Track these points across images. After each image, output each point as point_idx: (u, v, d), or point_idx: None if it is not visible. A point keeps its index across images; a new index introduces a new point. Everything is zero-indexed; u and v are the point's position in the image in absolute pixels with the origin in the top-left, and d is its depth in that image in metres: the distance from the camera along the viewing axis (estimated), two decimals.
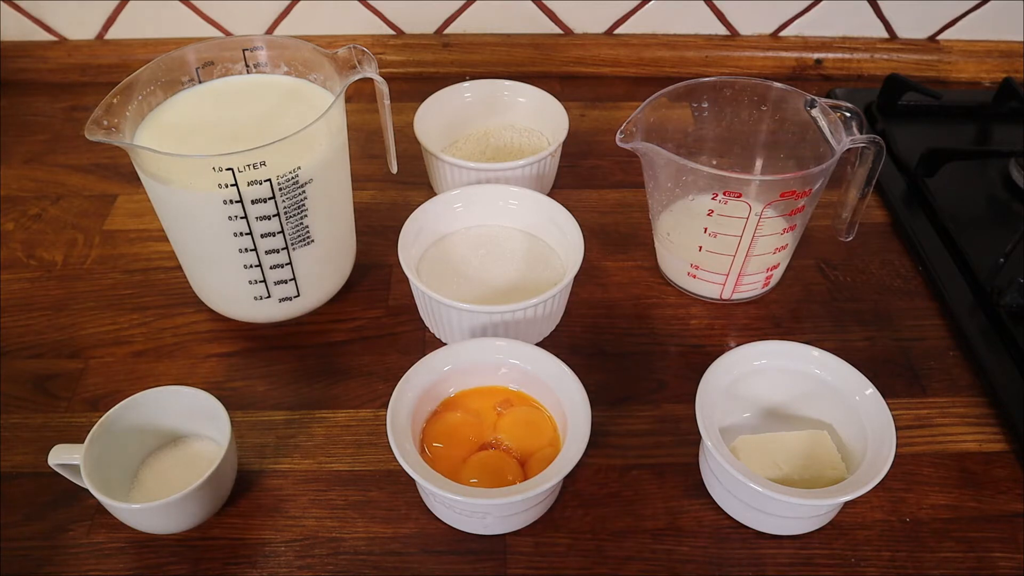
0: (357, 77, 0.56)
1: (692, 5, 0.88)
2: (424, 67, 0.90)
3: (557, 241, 0.63)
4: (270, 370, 0.59)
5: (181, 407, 0.51)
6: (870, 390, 0.51)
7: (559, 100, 0.74)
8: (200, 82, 0.59)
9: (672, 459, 0.54)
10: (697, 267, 0.62)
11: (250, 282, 0.58)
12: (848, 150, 0.57)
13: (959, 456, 0.54)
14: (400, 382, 0.50)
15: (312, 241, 0.57)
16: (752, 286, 0.64)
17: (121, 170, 0.77)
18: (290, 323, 0.62)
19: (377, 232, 0.70)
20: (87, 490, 0.46)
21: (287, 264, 0.57)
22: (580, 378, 0.50)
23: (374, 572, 0.48)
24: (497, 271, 0.62)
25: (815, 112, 0.60)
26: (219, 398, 0.50)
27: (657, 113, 0.61)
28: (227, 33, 0.89)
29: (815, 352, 0.53)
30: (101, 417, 0.49)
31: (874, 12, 0.89)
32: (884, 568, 0.49)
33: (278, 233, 0.55)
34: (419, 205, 0.62)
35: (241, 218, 0.53)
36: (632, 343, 0.62)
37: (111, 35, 0.89)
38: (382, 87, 0.59)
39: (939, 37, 0.91)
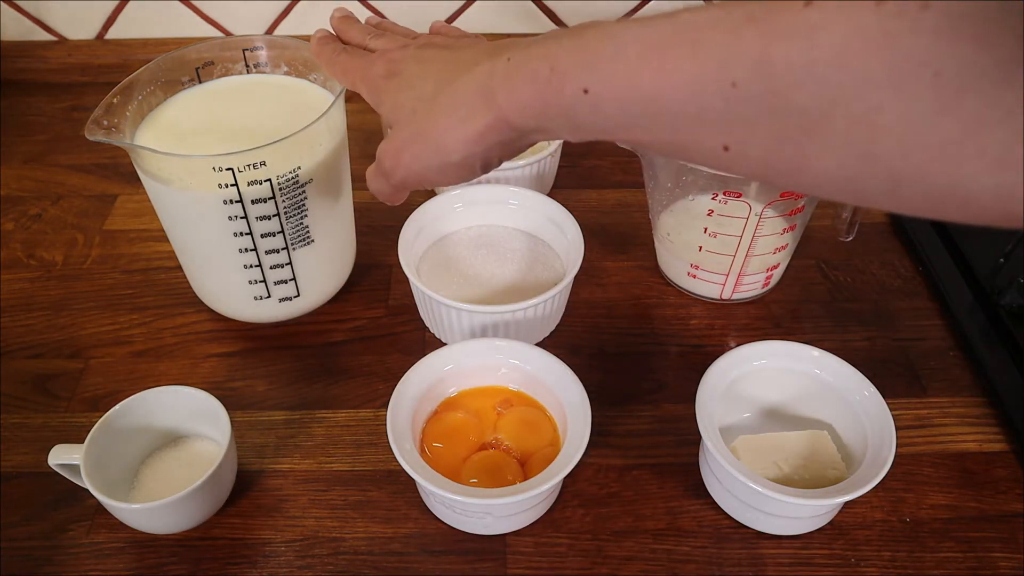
0: None
1: (692, 5, 0.88)
2: None
3: (557, 241, 0.63)
4: (270, 370, 0.59)
5: (181, 407, 0.51)
6: (870, 390, 0.50)
7: None
8: (200, 82, 0.59)
9: (672, 459, 0.54)
10: (697, 267, 0.62)
11: (250, 282, 0.58)
12: None
13: (959, 456, 0.54)
14: (400, 382, 0.50)
15: (312, 241, 0.57)
16: (752, 286, 0.64)
17: (121, 170, 0.77)
18: (290, 323, 0.62)
19: (377, 232, 0.70)
20: (87, 490, 0.46)
21: (287, 264, 0.57)
22: (580, 378, 0.50)
23: (374, 572, 0.48)
24: (497, 271, 0.62)
25: None
26: (219, 398, 0.50)
27: None
28: (227, 33, 0.89)
29: (815, 352, 0.53)
30: (101, 417, 0.49)
31: None
32: (884, 568, 0.49)
33: (278, 233, 0.55)
34: (419, 205, 0.62)
35: (241, 218, 0.53)
36: (632, 343, 0.62)
37: (111, 35, 0.89)
38: None
39: None
